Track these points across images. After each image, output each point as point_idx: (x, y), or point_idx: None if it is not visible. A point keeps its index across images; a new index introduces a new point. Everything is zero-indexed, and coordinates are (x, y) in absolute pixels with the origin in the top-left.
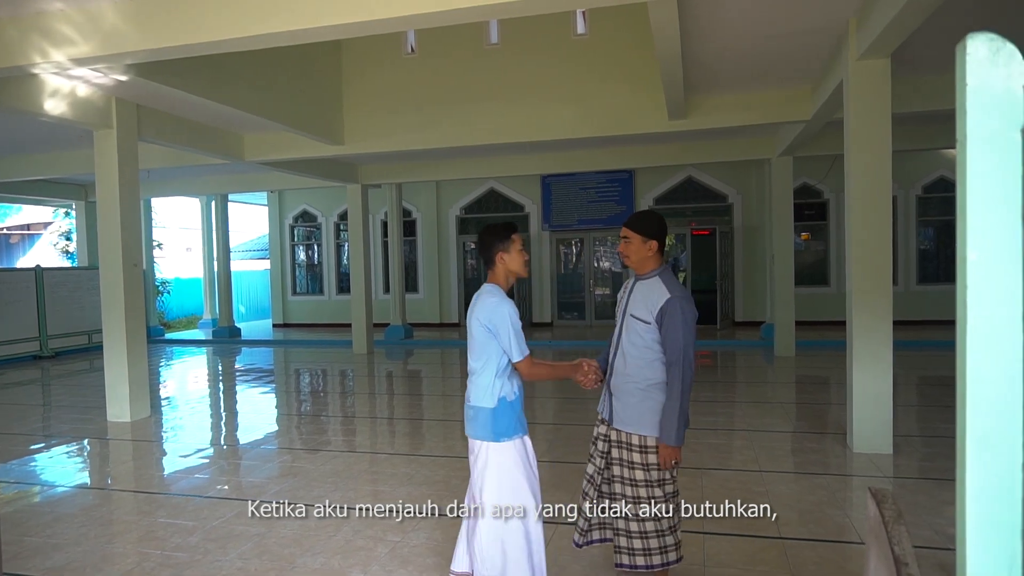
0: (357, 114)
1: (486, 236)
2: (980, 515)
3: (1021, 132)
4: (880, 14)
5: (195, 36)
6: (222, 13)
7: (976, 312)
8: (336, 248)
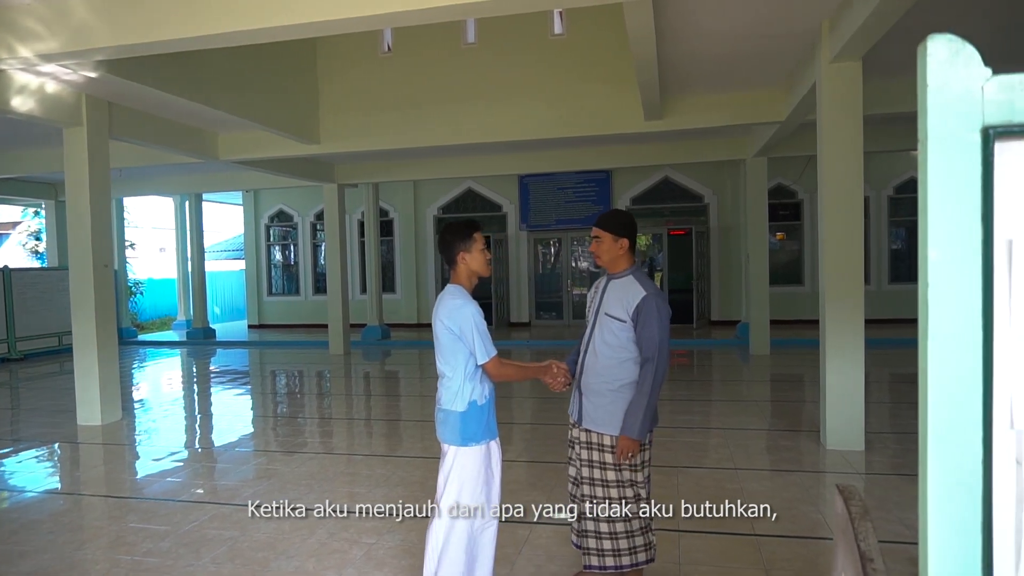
0: (333, 113)
1: (447, 235)
2: (941, 510)
3: (980, 133)
4: (852, 17)
5: (166, 32)
6: (194, 9)
7: (937, 310)
8: (313, 248)
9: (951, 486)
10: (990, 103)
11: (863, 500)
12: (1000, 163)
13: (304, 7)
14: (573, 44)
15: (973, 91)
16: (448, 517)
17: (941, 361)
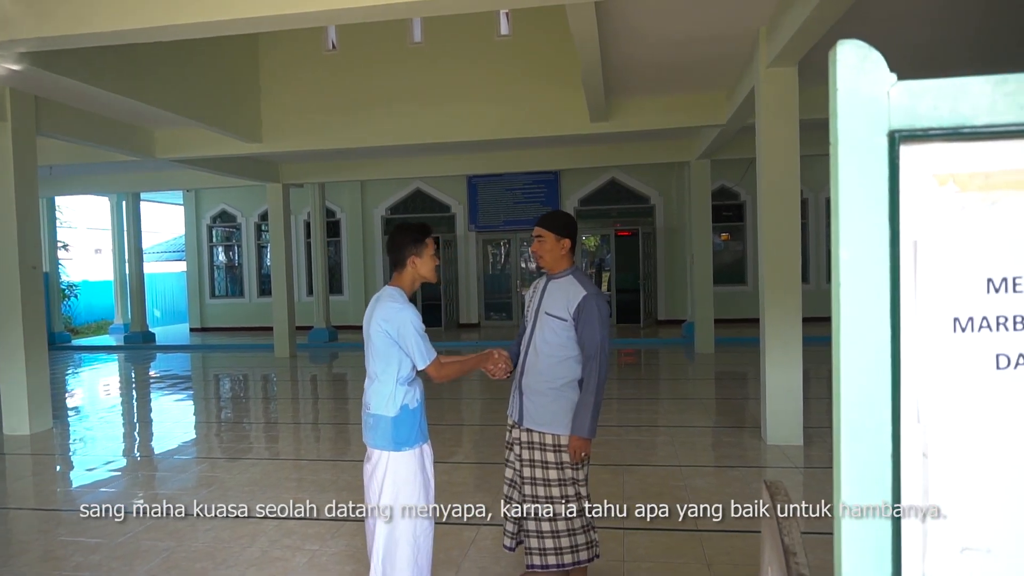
0: (276, 111)
1: (398, 236)
2: (853, 500)
3: (886, 136)
4: (786, 25)
5: (95, 25)
6: (126, 1)
7: (848, 309)
8: (257, 249)
9: (863, 478)
10: (895, 108)
11: (788, 495)
12: (905, 166)
13: (243, 2)
14: (520, 45)
15: (879, 96)
16: (386, 523)
17: (852, 358)
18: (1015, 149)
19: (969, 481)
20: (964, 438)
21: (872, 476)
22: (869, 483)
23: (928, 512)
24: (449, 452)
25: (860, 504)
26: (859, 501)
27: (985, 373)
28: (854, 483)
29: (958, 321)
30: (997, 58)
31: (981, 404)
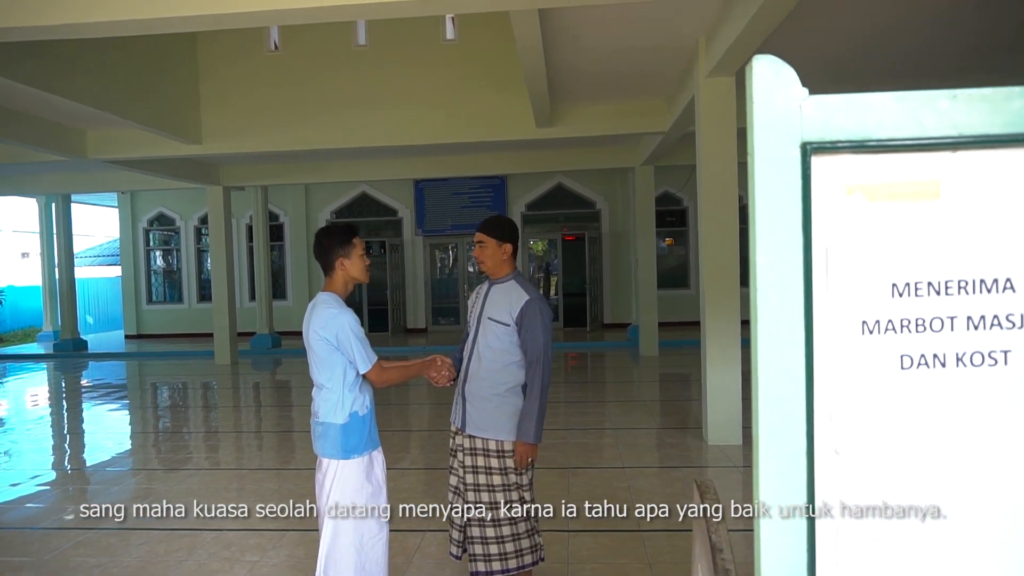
0: (216, 112)
1: (324, 239)
2: (771, 495)
3: (799, 148)
4: (724, 36)
5: (15, 19)
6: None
7: (765, 313)
8: (197, 253)
9: (780, 475)
10: (807, 121)
11: (717, 495)
12: (817, 176)
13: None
14: (466, 50)
15: (792, 109)
16: (330, 528)
17: (769, 359)
18: (915, 161)
19: (877, 476)
20: (873, 435)
21: (788, 473)
22: (786, 479)
23: (841, 508)
24: (396, 458)
25: (778, 499)
26: (776, 496)
27: (891, 373)
28: (772, 479)
29: (866, 324)
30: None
31: (888, 402)
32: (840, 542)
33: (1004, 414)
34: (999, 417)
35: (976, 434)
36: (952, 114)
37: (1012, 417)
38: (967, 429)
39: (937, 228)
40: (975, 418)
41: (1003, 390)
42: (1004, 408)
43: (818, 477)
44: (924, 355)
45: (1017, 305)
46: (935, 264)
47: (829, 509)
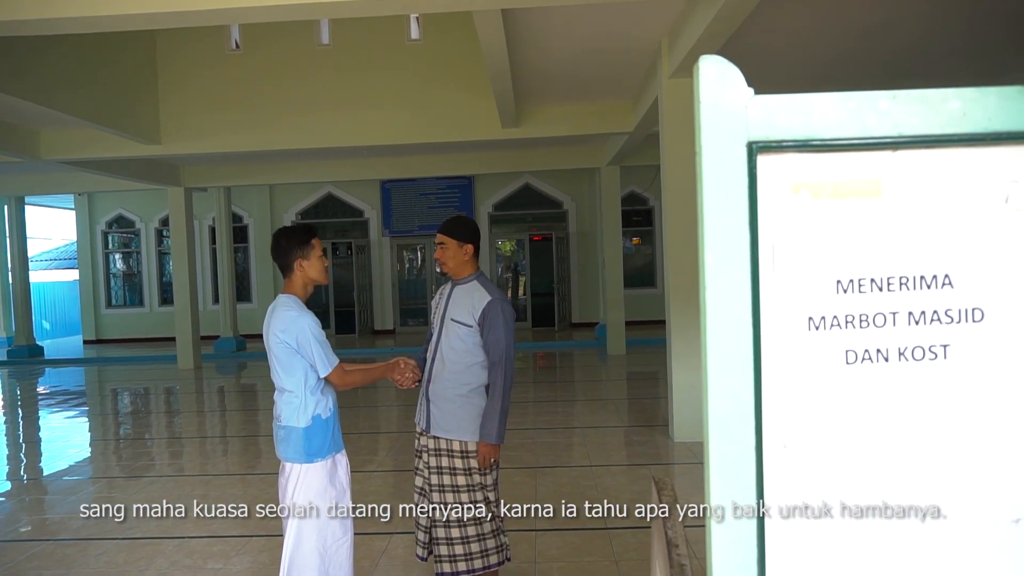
0: (176, 112)
1: (282, 241)
2: (722, 490)
3: (745, 147)
4: (686, 37)
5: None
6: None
7: (714, 309)
8: (158, 256)
9: (730, 467)
10: (753, 120)
11: (674, 491)
12: (762, 175)
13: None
14: (431, 50)
15: (738, 109)
16: (293, 531)
17: (718, 356)
18: (858, 160)
19: (824, 469)
20: (819, 429)
21: (738, 467)
22: (735, 474)
23: (789, 502)
24: (364, 460)
25: (727, 493)
26: (726, 490)
27: (836, 367)
28: (721, 474)
29: (812, 320)
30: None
31: (833, 396)
32: (789, 535)
33: (944, 407)
34: (940, 410)
35: (918, 427)
36: (892, 114)
37: (951, 410)
38: (910, 422)
39: (879, 226)
40: (917, 411)
41: (943, 383)
42: (944, 401)
43: (767, 471)
44: (868, 350)
45: (955, 300)
46: (878, 261)
47: (778, 503)
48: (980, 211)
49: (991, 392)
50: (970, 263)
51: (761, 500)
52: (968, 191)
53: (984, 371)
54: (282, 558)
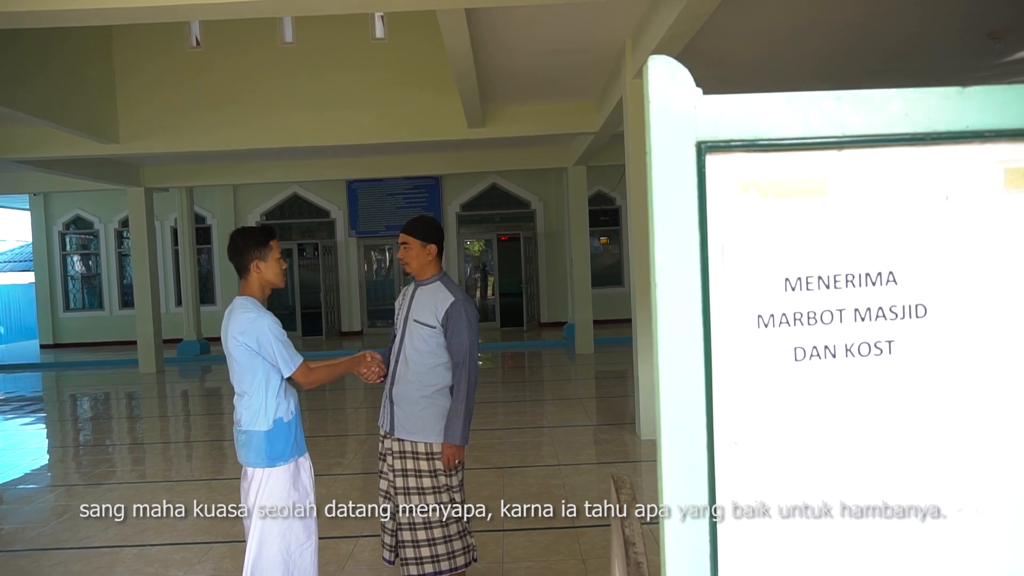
0: (136, 110)
1: (239, 241)
2: (674, 489)
3: (694, 147)
4: (648, 38)
5: None
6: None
7: (664, 307)
8: (118, 257)
9: (683, 464)
10: (702, 120)
11: (632, 489)
12: (711, 174)
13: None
14: (397, 49)
15: (687, 109)
16: (258, 541)
17: (670, 354)
18: (804, 160)
19: (775, 465)
20: (769, 425)
21: (690, 463)
22: (688, 470)
23: (741, 499)
24: (330, 464)
25: (680, 489)
26: (679, 487)
27: (785, 364)
28: (674, 470)
29: (761, 318)
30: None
31: (783, 393)
32: (741, 530)
33: (890, 401)
34: (886, 404)
35: (866, 421)
36: (837, 115)
37: (897, 404)
38: (858, 417)
39: (826, 224)
40: (865, 406)
41: (888, 378)
42: (890, 396)
43: (718, 468)
44: (816, 347)
45: (899, 297)
46: (824, 259)
47: (729, 500)
48: (922, 209)
49: (934, 385)
50: (913, 260)
51: (713, 497)
52: (910, 189)
53: (927, 365)
54: (244, 565)
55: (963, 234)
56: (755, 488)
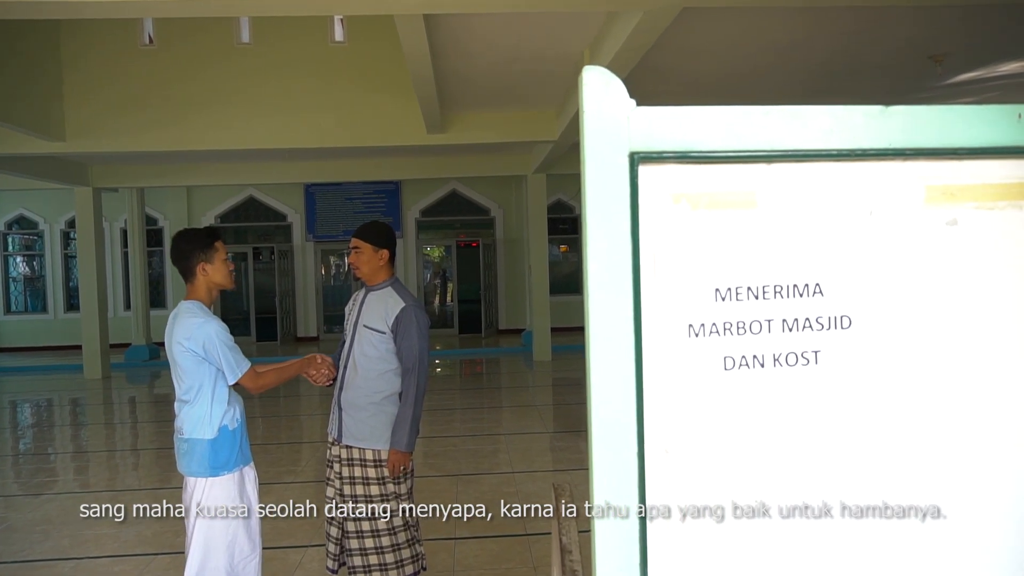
0: (82, 107)
1: (183, 244)
2: (605, 492)
3: (627, 157)
4: (606, 50)
5: None
6: None
7: (597, 318)
8: (65, 259)
9: (614, 473)
10: (635, 131)
11: (572, 496)
12: (644, 185)
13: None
14: (356, 53)
15: (620, 120)
16: (201, 554)
17: (601, 362)
18: (734, 172)
19: (705, 474)
20: (700, 434)
21: (621, 472)
22: (618, 479)
23: (671, 507)
24: (280, 472)
25: (610, 498)
26: (609, 495)
27: (715, 374)
28: (605, 479)
29: (692, 327)
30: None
31: (712, 402)
32: (671, 540)
33: (816, 410)
34: (813, 413)
35: (794, 430)
36: (767, 129)
37: (823, 413)
38: (786, 426)
39: (755, 236)
40: (792, 415)
41: (815, 388)
42: (816, 404)
43: (649, 477)
44: (745, 356)
45: (826, 308)
46: (754, 270)
47: (660, 508)
48: (847, 223)
49: (858, 394)
50: (839, 273)
51: (643, 505)
52: (836, 204)
53: (852, 375)
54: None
55: (886, 248)
56: (685, 496)
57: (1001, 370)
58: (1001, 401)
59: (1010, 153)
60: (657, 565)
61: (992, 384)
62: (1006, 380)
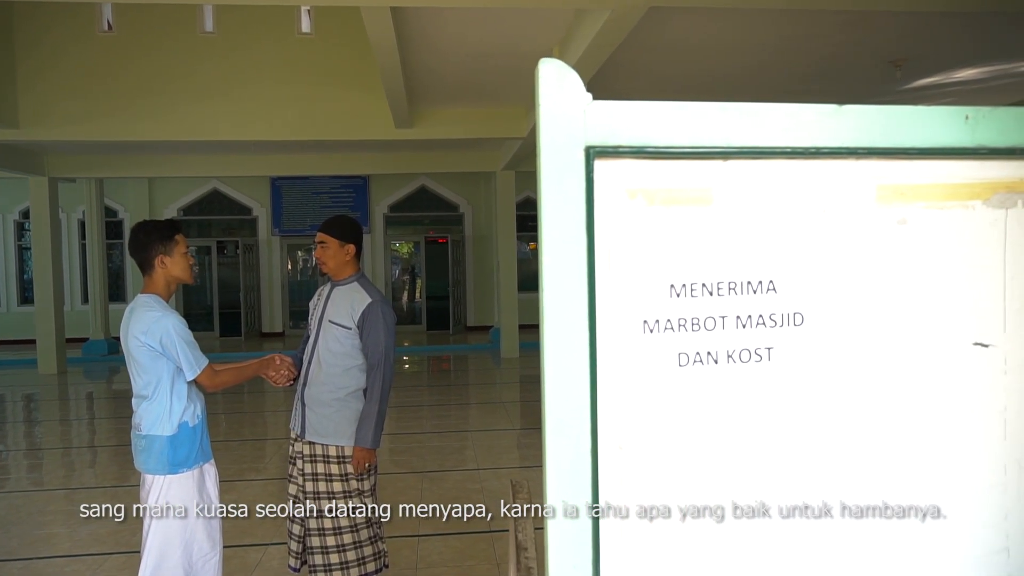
0: (38, 93)
1: (142, 236)
2: (559, 490)
3: (583, 151)
4: (574, 48)
5: None
6: None
7: (551, 312)
8: (18, 251)
9: (567, 469)
10: (591, 125)
11: (529, 494)
12: (600, 180)
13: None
14: (323, 45)
15: (576, 114)
16: (158, 553)
17: (555, 358)
18: (690, 168)
19: (658, 470)
20: (654, 430)
21: (574, 468)
22: (572, 475)
23: (624, 503)
24: (242, 469)
25: (564, 494)
26: (563, 492)
27: (670, 370)
28: (558, 475)
29: (647, 323)
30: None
31: (667, 398)
32: (623, 538)
33: (769, 406)
34: (765, 409)
35: (747, 426)
36: (723, 126)
37: (776, 409)
38: (739, 421)
39: (710, 233)
40: (745, 411)
41: (767, 384)
42: (769, 400)
43: (602, 473)
44: (699, 352)
45: (779, 305)
46: (708, 267)
47: (613, 506)
48: (801, 221)
49: (810, 390)
50: (792, 270)
51: (596, 501)
52: (790, 202)
53: (804, 371)
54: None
55: (838, 246)
56: (639, 492)
57: (947, 366)
58: (946, 396)
59: (958, 154)
60: (610, 562)
61: (938, 379)
62: (952, 376)
